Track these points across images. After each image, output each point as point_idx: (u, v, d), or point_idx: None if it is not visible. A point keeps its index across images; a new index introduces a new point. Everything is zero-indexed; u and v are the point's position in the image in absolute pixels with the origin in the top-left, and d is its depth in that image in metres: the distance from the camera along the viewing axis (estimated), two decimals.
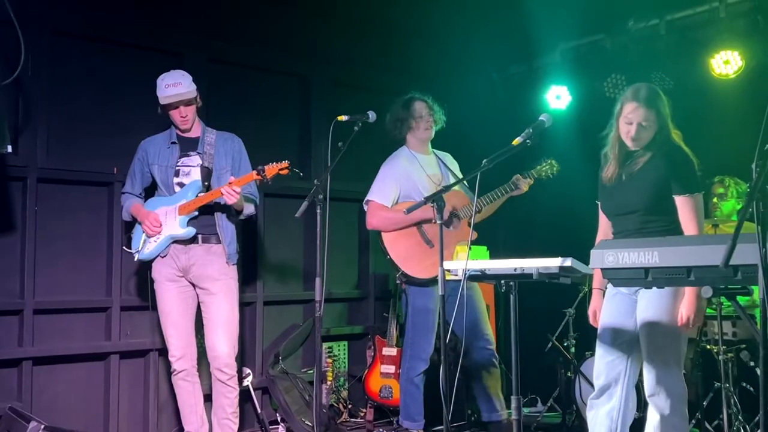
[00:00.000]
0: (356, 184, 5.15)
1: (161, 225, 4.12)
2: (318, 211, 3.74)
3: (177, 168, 4.22)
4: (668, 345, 3.19)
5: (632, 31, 5.62)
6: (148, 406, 4.76)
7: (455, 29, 5.80)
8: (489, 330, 4.64)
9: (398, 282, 4.75)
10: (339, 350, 5.71)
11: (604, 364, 3.37)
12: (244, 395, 4.86)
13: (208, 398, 4.33)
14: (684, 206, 3.20)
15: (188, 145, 4.26)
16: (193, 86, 4.17)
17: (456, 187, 4.43)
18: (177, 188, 4.19)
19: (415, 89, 6.11)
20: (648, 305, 3.24)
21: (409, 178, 4.59)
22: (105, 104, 4.78)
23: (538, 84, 6.30)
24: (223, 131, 4.36)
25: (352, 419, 5.51)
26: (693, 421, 4.37)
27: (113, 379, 4.65)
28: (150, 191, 4.37)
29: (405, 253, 4.54)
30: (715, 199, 5.02)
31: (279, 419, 5.04)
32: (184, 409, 4.25)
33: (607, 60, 5.80)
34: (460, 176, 4.55)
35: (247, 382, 4.94)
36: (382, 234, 4.59)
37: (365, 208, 4.70)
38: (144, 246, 4.19)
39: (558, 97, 6.16)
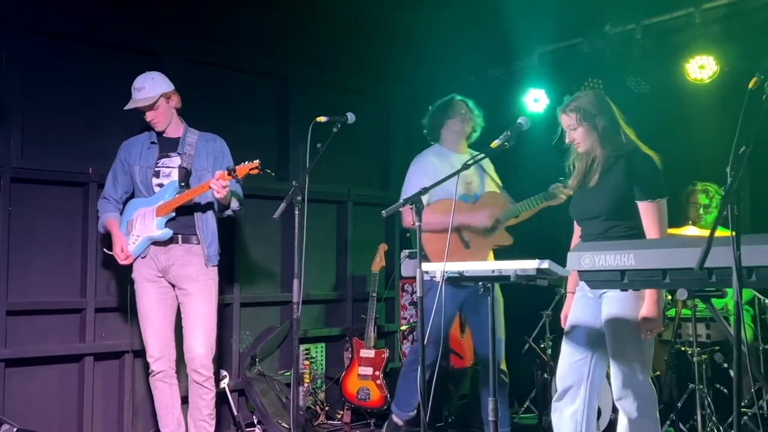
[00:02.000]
0: (335, 186, 5.16)
1: (129, 258, 4.11)
2: (296, 212, 3.73)
3: (157, 169, 4.19)
4: (633, 348, 3.21)
5: (609, 35, 5.67)
6: (123, 408, 4.72)
7: (434, 32, 5.81)
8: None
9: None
10: (316, 352, 5.69)
11: (567, 366, 3.40)
12: (221, 397, 4.83)
13: (185, 400, 4.29)
14: (646, 212, 3.21)
15: (168, 146, 4.23)
16: (158, 90, 4.11)
17: (497, 190, 4.53)
18: (156, 189, 4.16)
19: (393, 91, 6.13)
20: (611, 307, 3.26)
21: (437, 175, 4.22)
22: (81, 104, 4.73)
23: (516, 87, 6.34)
24: (206, 132, 4.33)
25: (329, 421, 5.50)
26: (667, 422, 4.42)
27: (87, 381, 4.60)
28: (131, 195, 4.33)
29: (437, 251, 4.32)
30: (701, 210, 5.04)
31: (255, 421, 5.02)
32: (161, 411, 4.21)
33: (585, 64, 5.85)
34: (495, 177, 4.58)
35: (224, 384, 4.91)
36: (421, 229, 4.49)
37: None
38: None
39: (536, 101, 6.20)
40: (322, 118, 4.03)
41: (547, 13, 5.44)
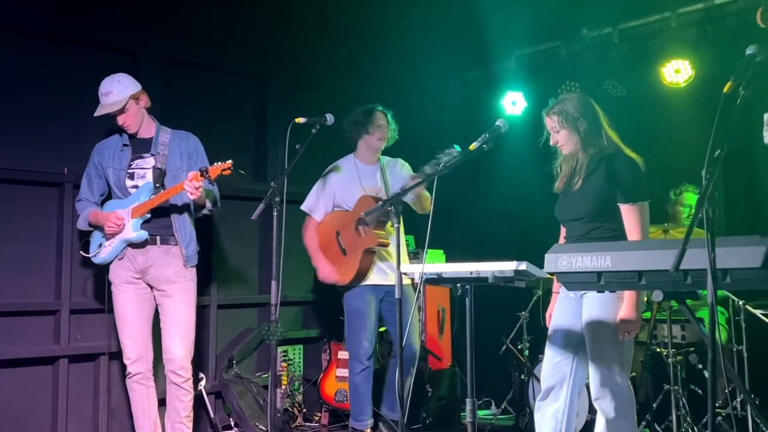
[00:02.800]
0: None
1: (123, 220, 4.04)
2: (274, 213, 3.72)
3: (131, 171, 4.15)
4: (611, 348, 3.23)
5: (586, 38, 5.72)
6: (99, 411, 4.66)
7: (413, 34, 5.83)
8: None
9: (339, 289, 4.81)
10: (294, 354, 5.67)
11: (550, 366, 3.42)
12: (197, 400, 4.79)
13: (162, 402, 4.26)
14: (628, 215, 3.24)
15: (141, 147, 4.19)
16: (126, 93, 4.06)
17: (367, 194, 4.62)
18: (132, 191, 4.12)
19: (372, 92, 6.12)
20: (591, 308, 3.28)
21: (341, 187, 4.72)
22: (56, 103, 4.68)
23: (495, 90, 6.38)
24: (179, 130, 4.30)
25: (306, 423, 5.48)
26: (643, 423, 4.46)
27: (62, 384, 4.54)
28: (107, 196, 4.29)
29: (327, 265, 4.72)
30: (692, 211, 5.08)
31: (232, 424, 5.00)
32: (138, 414, 4.17)
33: (562, 67, 5.89)
34: (409, 180, 4.56)
35: (201, 386, 4.88)
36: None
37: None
38: (100, 250, 4.12)
39: (514, 103, 6.24)
40: (300, 120, 4.03)
41: (524, 16, 5.48)
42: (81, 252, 4.30)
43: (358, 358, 4.62)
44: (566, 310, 3.43)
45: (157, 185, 4.08)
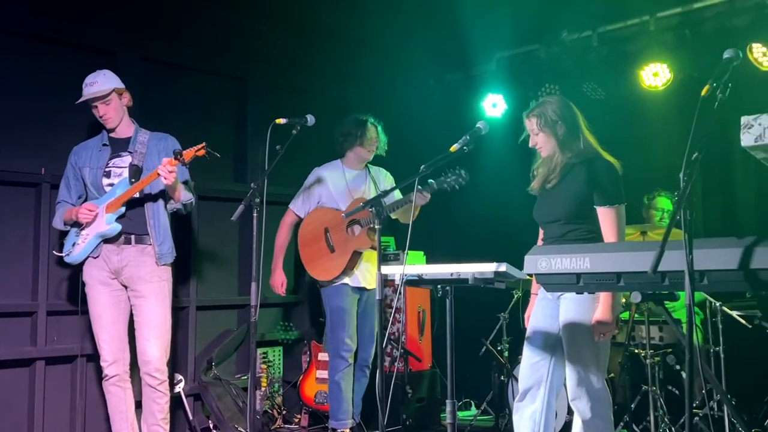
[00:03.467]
0: (294, 188, 5.10)
1: (96, 208, 3.99)
2: (254, 214, 3.71)
3: (108, 169, 4.12)
4: (587, 349, 3.26)
5: (566, 41, 5.76)
6: (75, 413, 4.62)
7: (394, 37, 5.83)
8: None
9: (318, 285, 4.87)
10: (274, 356, 5.66)
11: (528, 367, 3.44)
12: (176, 402, 4.77)
13: (139, 405, 4.22)
14: (605, 217, 3.27)
15: (119, 146, 4.16)
16: (111, 84, 4.06)
17: (363, 196, 4.68)
18: (107, 189, 4.09)
19: (353, 94, 6.13)
20: (568, 309, 3.31)
21: (328, 189, 4.79)
22: (34, 103, 4.63)
23: (475, 92, 6.40)
24: (157, 132, 4.27)
25: (286, 425, 5.46)
26: (621, 423, 4.49)
27: (38, 386, 4.49)
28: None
29: (310, 256, 4.79)
30: (666, 215, 5.12)
31: (211, 426, 4.97)
32: (114, 416, 4.14)
33: (542, 70, 5.93)
34: (386, 185, 4.75)
35: (179, 388, 4.85)
36: (298, 236, 4.86)
37: None
38: (73, 249, 4.07)
39: (494, 105, 6.26)
40: (281, 120, 4.02)
41: (504, 19, 5.51)
42: (54, 252, 4.25)
43: (340, 355, 4.63)
44: (544, 311, 3.45)
45: (132, 180, 4.04)
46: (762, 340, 4.52)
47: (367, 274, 4.74)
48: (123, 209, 4.02)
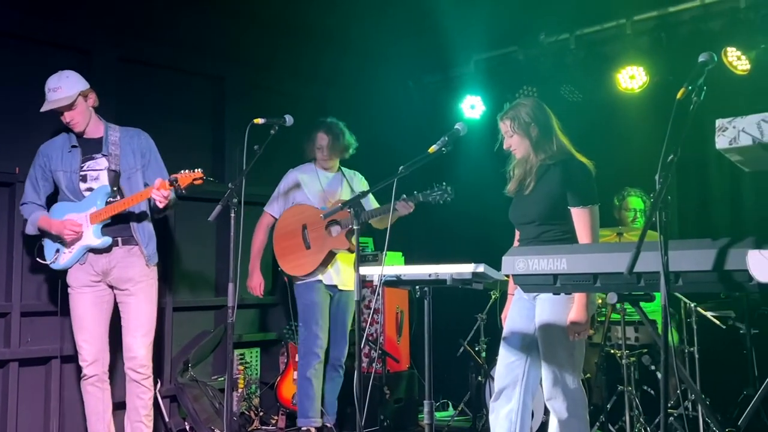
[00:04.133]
0: (272, 189, 5.10)
1: (81, 227, 3.97)
2: (232, 215, 3.69)
3: (83, 173, 4.06)
4: (563, 349, 3.28)
5: (544, 44, 5.79)
6: (50, 415, 4.56)
7: (373, 38, 5.82)
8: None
9: (285, 280, 4.94)
10: (251, 357, 5.63)
11: (504, 366, 3.46)
12: (152, 404, 4.73)
13: (117, 406, 4.19)
14: (579, 218, 3.30)
15: (91, 147, 4.09)
16: (75, 89, 3.97)
17: (345, 197, 4.68)
18: (86, 194, 4.04)
19: (332, 95, 6.11)
20: (543, 310, 3.33)
21: (303, 191, 4.83)
22: (7, 102, 4.57)
23: (453, 93, 6.41)
24: (127, 127, 4.21)
25: (263, 426, 5.44)
26: (597, 423, 4.52)
27: (11, 388, 4.43)
28: (52, 198, 4.17)
29: (284, 250, 4.81)
30: (638, 215, 5.15)
31: (188, 428, 4.93)
32: (91, 417, 4.10)
33: (520, 72, 5.95)
34: (361, 187, 4.78)
35: (156, 389, 4.80)
36: (274, 229, 4.89)
37: None
38: (58, 256, 4.04)
39: (472, 107, 6.28)
40: (259, 120, 4.00)
41: (482, 21, 5.52)
42: (37, 259, 4.16)
43: (312, 350, 4.63)
44: (520, 312, 3.47)
45: (114, 188, 4.02)
46: (735, 340, 4.58)
47: (341, 275, 4.76)
48: (109, 219, 4.00)
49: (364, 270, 3.20)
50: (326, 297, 4.76)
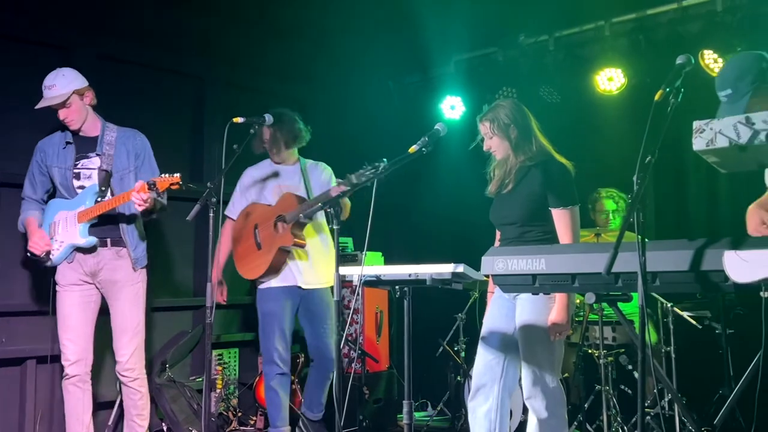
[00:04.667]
0: None
1: (48, 244, 3.99)
2: (210, 214, 3.67)
3: (77, 171, 4.06)
4: (542, 349, 3.31)
5: (523, 45, 5.81)
6: (25, 417, 4.51)
7: (353, 38, 5.82)
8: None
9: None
10: (229, 357, 5.60)
11: (482, 365, 3.48)
12: None
13: (104, 406, 4.15)
14: (560, 219, 3.33)
15: (86, 146, 4.09)
16: (69, 87, 3.97)
17: (290, 192, 4.49)
18: (78, 191, 4.05)
19: (311, 94, 6.10)
20: (524, 310, 3.36)
21: (257, 187, 4.65)
22: None
23: (434, 94, 6.42)
24: (125, 128, 4.20)
25: (241, 427, 5.42)
26: (575, 423, 4.55)
27: None
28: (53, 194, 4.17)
29: (240, 254, 4.64)
30: (610, 216, 5.19)
31: (165, 429, 4.90)
32: (70, 417, 4.08)
33: (499, 72, 5.98)
34: (329, 185, 4.53)
35: None
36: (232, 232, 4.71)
37: None
38: (50, 255, 4.03)
39: (452, 108, 6.29)
40: (239, 119, 3.98)
41: (462, 22, 5.54)
42: (28, 254, 4.11)
43: (271, 361, 4.51)
44: (500, 311, 3.49)
45: (102, 188, 4.02)
46: (711, 340, 4.62)
47: (304, 275, 4.55)
48: (96, 219, 3.99)
49: (344, 270, 3.19)
50: (286, 303, 4.54)
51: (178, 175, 3.85)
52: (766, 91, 2.74)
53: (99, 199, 3.99)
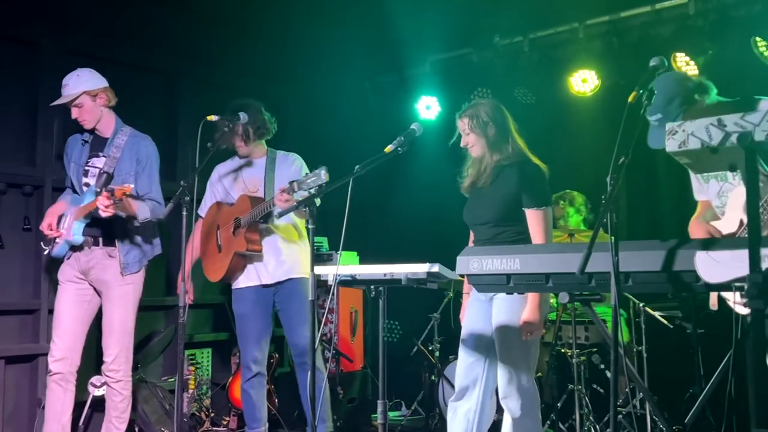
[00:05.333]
0: None
1: (54, 229, 4.04)
2: (184, 213, 3.63)
3: (86, 168, 4.13)
4: (518, 350, 3.33)
5: (498, 46, 5.84)
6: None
7: (329, 37, 5.81)
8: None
9: None
10: (202, 357, 5.56)
11: (463, 367, 3.49)
12: (100, 404, 4.64)
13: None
14: (533, 219, 3.36)
15: (98, 145, 4.16)
16: (80, 88, 4.01)
17: (248, 189, 4.38)
18: (85, 188, 4.10)
19: (286, 93, 6.07)
20: (500, 310, 3.38)
21: (224, 183, 4.52)
22: None
23: (409, 94, 6.43)
24: (139, 132, 4.21)
25: (214, 428, 5.38)
26: (548, 422, 4.57)
27: None
28: None
29: (204, 255, 4.55)
30: (566, 217, 5.24)
31: (137, 430, 4.85)
32: (48, 415, 4.04)
33: (474, 73, 6.00)
34: (295, 176, 4.14)
35: (102, 391, 4.70)
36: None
37: None
38: (53, 245, 4.11)
39: (428, 108, 6.31)
40: (213, 117, 3.95)
41: (438, 22, 5.55)
42: (41, 244, 4.20)
43: (245, 363, 4.43)
44: (477, 313, 3.50)
45: (98, 189, 4.00)
46: (682, 339, 4.68)
47: (272, 270, 4.36)
48: (88, 219, 4.00)
49: (319, 270, 3.18)
50: (256, 302, 4.39)
51: (129, 185, 3.78)
52: (695, 110, 2.85)
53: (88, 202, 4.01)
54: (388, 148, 3.30)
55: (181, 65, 5.60)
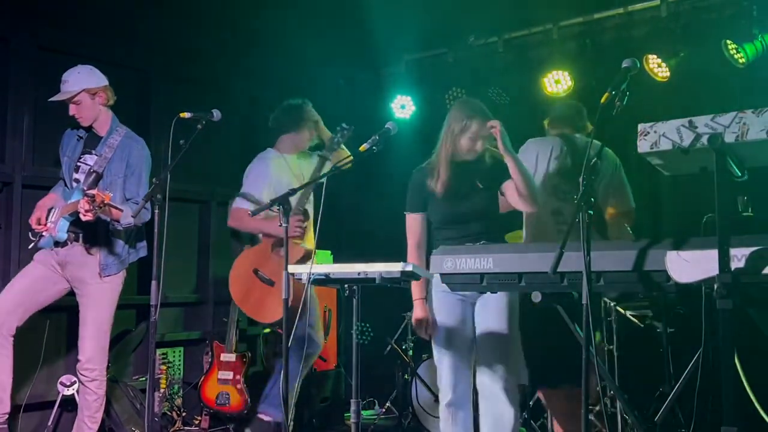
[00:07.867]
0: (197, 185, 5.01)
1: (43, 223, 4.02)
2: (156, 211, 3.60)
3: (78, 164, 4.11)
4: (501, 349, 3.39)
5: (473, 47, 5.86)
6: None
7: (303, 34, 5.78)
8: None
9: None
10: (174, 356, 5.51)
11: (451, 368, 3.48)
12: (70, 404, 4.59)
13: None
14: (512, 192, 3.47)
15: (92, 142, 4.15)
16: (79, 86, 4.01)
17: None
18: (74, 184, 4.08)
19: (260, 89, 6.04)
20: (485, 310, 3.42)
21: (279, 180, 4.45)
22: None
23: (384, 93, 6.42)
24: (134, 135, 4.20)
25: (185, 427, 5.33)
26: (520, 420, 4.59)
27: None
28: None
29: (254, 307, 4.46)
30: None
31: (107, 429, 4.79)
32: None
33: (449, 73, 6.01)
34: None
35: (72, 390, 4.65)
36: (231, 291, 4.54)
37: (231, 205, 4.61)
38: (39, 237, 4.09)
39: (403, 107, 6.31)
40: (185, 114, 3.91)
41: (413, 21, 5.56)
42: (30, 234, 4.14)
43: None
44: (458, 312, 3.50)
45: (84, 188, 3.99)
46: (652, 338, 4.72)
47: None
48: (72, 217, 3.97)
49: (293, 268, 3.17)
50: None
51: (108, 194, 3.74)
52: None
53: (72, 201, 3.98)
54: (363, 147, 3.31)
55: (154, 61, 5.54)
